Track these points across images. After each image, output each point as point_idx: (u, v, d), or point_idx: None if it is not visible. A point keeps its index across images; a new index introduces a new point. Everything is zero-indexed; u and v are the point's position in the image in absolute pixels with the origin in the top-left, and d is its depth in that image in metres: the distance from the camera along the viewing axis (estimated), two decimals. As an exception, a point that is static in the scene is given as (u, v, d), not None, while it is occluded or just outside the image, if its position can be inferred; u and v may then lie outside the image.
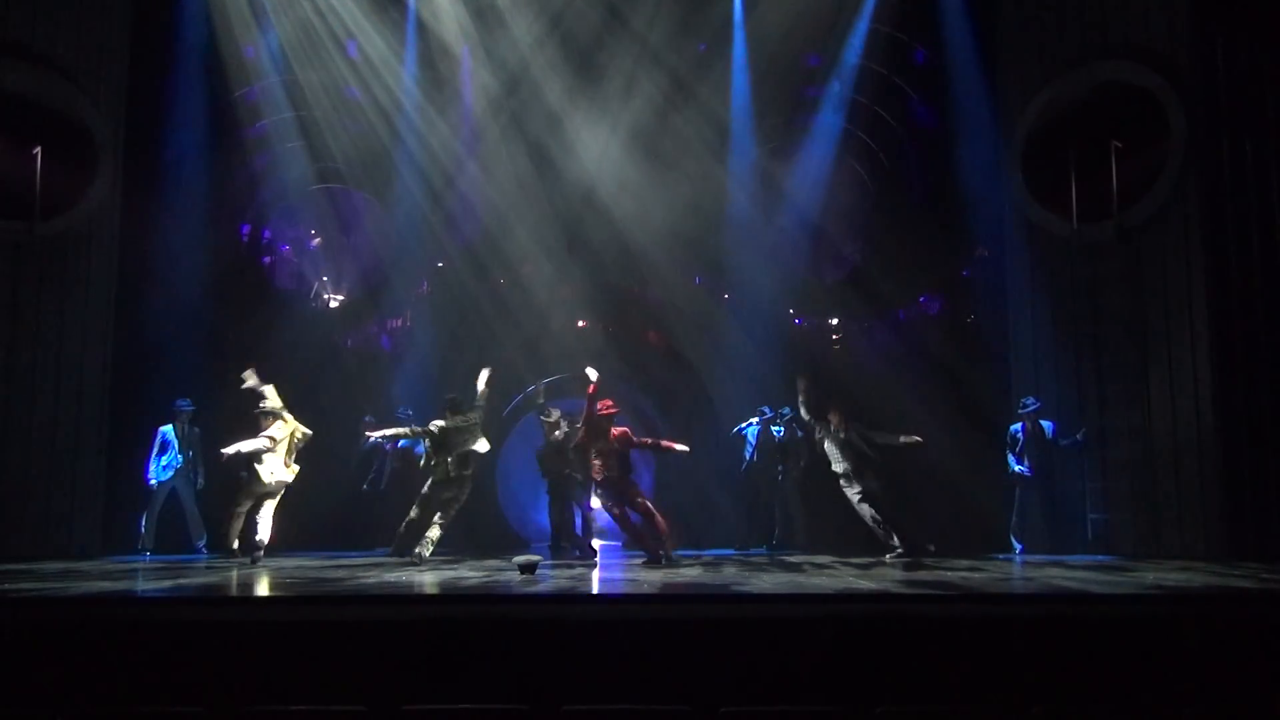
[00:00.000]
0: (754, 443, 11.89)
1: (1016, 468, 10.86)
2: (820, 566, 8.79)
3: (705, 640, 5.35)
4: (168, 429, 10.78)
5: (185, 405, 10.85)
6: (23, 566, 8.74)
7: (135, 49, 11.55)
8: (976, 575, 7.79)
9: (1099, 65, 10.98)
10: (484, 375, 9.97)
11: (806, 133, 13.02)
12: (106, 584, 7.34)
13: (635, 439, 9.72)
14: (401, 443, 11.39)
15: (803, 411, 10.19)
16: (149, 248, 11.50)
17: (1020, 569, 8.85)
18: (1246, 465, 9.82)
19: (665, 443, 9.99)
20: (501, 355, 12.03)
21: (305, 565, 9.18)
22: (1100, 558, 10.05)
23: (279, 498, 9.85)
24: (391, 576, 7.77)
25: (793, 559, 9.89)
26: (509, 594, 6.60)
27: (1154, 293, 10.63)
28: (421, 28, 12.50)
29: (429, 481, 9.89)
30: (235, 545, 9.81)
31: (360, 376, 12.67)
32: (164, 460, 10.75)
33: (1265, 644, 5.26)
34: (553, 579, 7.63)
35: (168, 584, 7.35)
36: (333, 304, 13.53)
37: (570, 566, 9.13)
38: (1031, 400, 10.86)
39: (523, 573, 7.73)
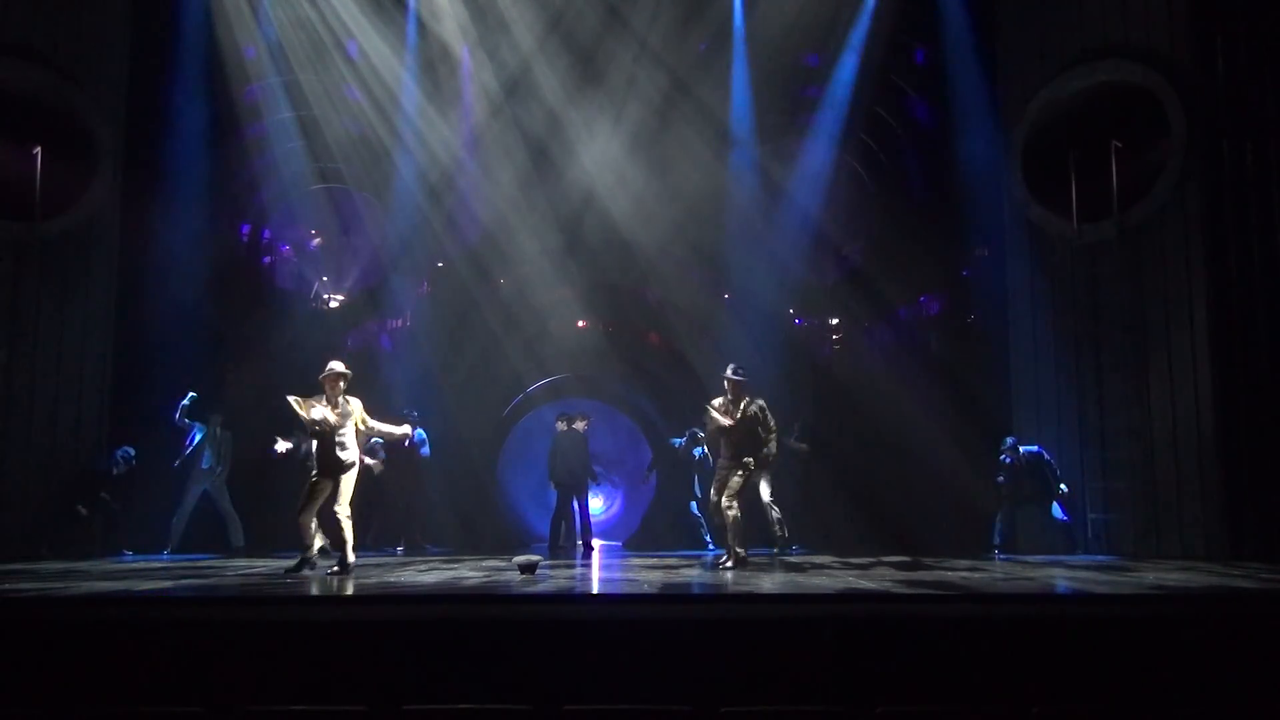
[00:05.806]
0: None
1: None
2: (820, 566, 8.78)
3: (705, 640, 5.35)
4: (201, 429, 10.86)
5: (213, 416, 11.03)
6: (23, 566, 8.74)
7: (135, 49, 11.55)
8: (976, 575, 7.79)
9: (1099, 65, 10.98)
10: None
11: (806, 133, 13.02)
12: (106, 584, 7.33)
13: None
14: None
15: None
16: (149, 248, 11.50)
17: (1020, 569, 8.85)
18: (1246, 465, 9.82)
19: None
20: (501, 355, 12.02)
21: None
22: (1100, 558, 10.05)
23: None
24: (392, 577, 7.77)
25: (793, 559, 9.89)
26: (509, 594, 6.59)
27: (1154, 292, 10.63)
28: (421, 28, 12.50)
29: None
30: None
31: (360, 376, 12.64)
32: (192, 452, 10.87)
33: (1265, 644, 5.26)
34: (552, 579, 7.63)
35: (168, 584, 7.34)
36: (333, 304, 13.52)
37: (570, 566, 9.13)
38: (1009, 440, 10.86)
39: (523, 573, 7.73)
